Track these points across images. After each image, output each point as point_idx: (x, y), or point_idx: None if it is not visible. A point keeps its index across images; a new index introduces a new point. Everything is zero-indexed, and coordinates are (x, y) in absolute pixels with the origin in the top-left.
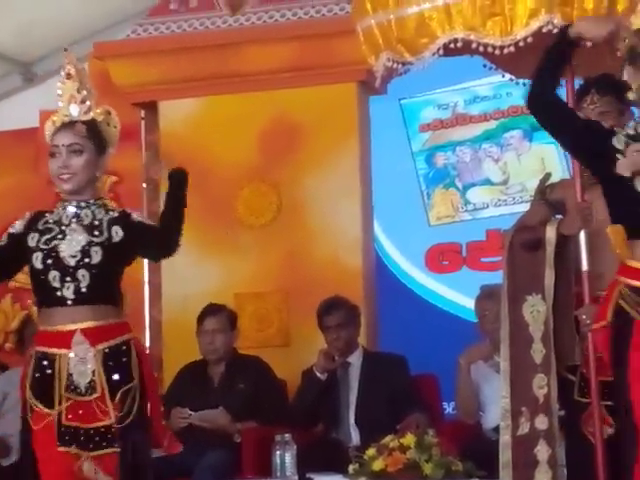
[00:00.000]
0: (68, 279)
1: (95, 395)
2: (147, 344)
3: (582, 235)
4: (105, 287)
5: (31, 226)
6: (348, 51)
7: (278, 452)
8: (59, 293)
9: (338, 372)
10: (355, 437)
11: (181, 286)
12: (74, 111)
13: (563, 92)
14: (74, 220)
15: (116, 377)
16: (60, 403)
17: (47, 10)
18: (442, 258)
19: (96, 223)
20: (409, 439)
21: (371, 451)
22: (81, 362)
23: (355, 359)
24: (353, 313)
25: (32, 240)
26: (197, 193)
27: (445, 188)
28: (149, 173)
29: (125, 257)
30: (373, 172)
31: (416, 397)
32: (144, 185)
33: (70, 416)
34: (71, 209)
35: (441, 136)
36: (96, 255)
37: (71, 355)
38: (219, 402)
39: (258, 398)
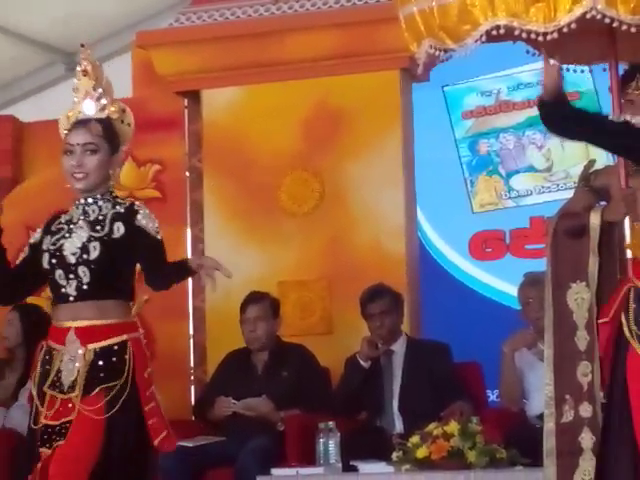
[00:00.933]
0: (71, 276)
1: (73, 394)
2: (191, 333)
3: (627, 222)
4: (106, 283)
5: (47, 230)
6: (390, 38)
7: (322, 440)
8: (63, 290)
9: (381, 360)
10: (399, 425)
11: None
12: (89, 109)
13: (606, 77)
14: (82, 217)
15: (101, 375)
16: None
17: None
18: (485, 245)
19: (100, 218)
20: (453, 427)
21: (415, 439)
22: (70, 360)
23: (398, 347)
24: (396, 301)
25: (45, 243)
26: (240, 181)
27: (488, 175)
28: (192, 162)
29: (127, 255)
30: (416, 159)
31: (459, 385)
32: (187, 174)
33: (47, 413)
34: (81, 207)
35: (484, 123)
36: (94, 250)
37: (64, 352)
38: (262, 390)
39: (301, 386)
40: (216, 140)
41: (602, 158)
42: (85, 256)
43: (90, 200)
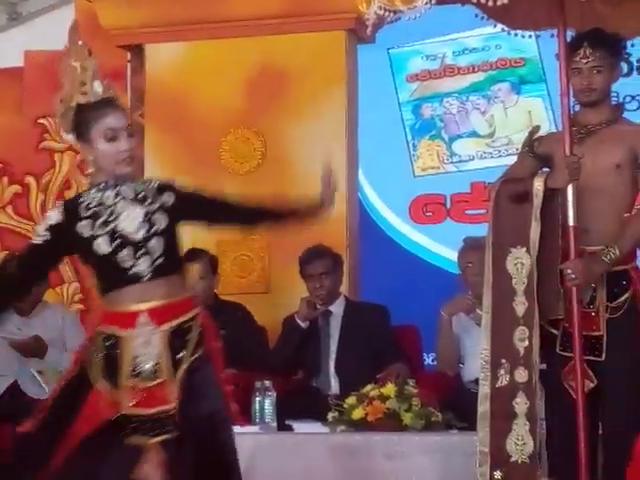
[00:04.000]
0: (141, 252)
1: (159, 380)
2: None
3: (570, 189)
4: (175, 254)
5: (73, 215)
6: None
7: (258, 399)
8: (132, 271)
9: (319, 321)
10: (335, 386)
11: None
12: (99, 88)
13: (554, 44)
14: (117, 199)
15: (179, 356)
16: (122, 386)
17: None
18: (426, 209)
19: (142, 194)
20: (389, 389)
21: (351, 399)
22: (144, 345)
23: (337, 308)
24: (336, 262)
25: (85, 228)
26: (181, 138)
27: (431, 139)
28: (134, 116)
29: (180, 221)
30: (359, 121)
31: (397, 347)
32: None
33: (133, 402)
34: (110, 190)
35: (428, 87)
36: (160, 220)
37: (134, 337)
38: None
39: (238, 344)
40: (159, 95)
41: (545, 125)
42: (154, 228)
43: (111, 182)
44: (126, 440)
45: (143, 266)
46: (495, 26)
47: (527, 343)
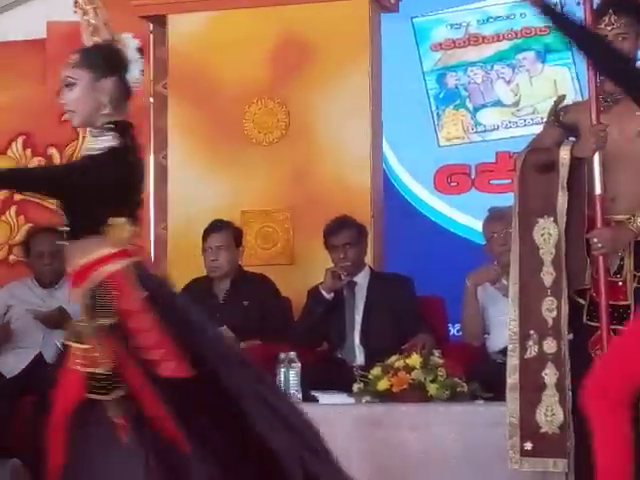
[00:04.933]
0: None
1: None
2: (152, 261)
3: (596, 158)
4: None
5: None
6: None
7: (282, 370)
8: None
9: (344, 292)
10: (360, 357)
11: (187, 203)
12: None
13: (579, 12)
14: None
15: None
16: None
17: None
18: (451, 180)
19: None
20: (415, 359)
21: (376, 370)
22: None
23: (361, 279)
24: (360, 232)
25: None
26: (205, 109)
27: (455, 109)
28: (156, 88)
29: None
30: (383, 91)
31: (422, 318)
32: (151, 100)
33: None
34: None
35: (453, 56)
36: None
37: None
38: (223, 319)
39: (262, 316)
40: (181, 67)
41: (570, 94)
42: None
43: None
44: None
45: None
46: None
47: (555, 314)
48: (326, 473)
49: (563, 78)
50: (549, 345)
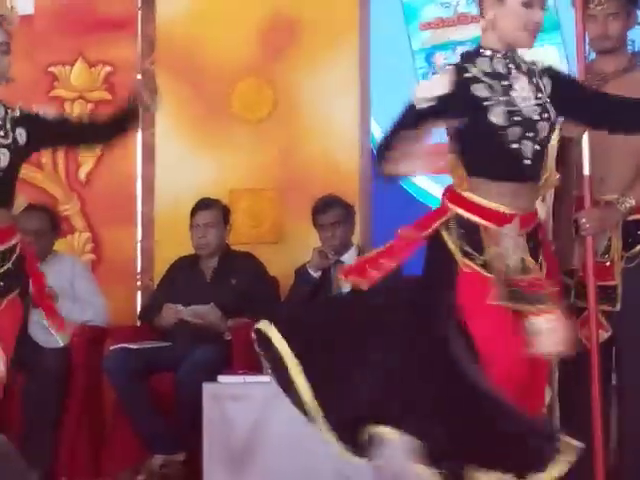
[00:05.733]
0: None
1: None
2: (138, 239)
3: (585, 138)
4: (9, 191)
5: None
6: None
7: None
8: None
9: (332, 270)
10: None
11: (174, 181)
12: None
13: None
14: None
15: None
16: None
17: None
18: (439, 159)
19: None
20: None
21: None
22: None
23: (349, 258)
24: (348, 212)
25: None
26: (192, 87)
27: None
28: (144, 64)
29: (27, 157)
30: (371, 70)
31: None
32: (139, 76)
33: None
34: None
35: (442, 35)
36: (4, 158)
37: None
38: (211, 297)
39: (250, 294)
40: (169, 43)
41: None
42: None
43: None
44: None
45: None
46: None
47: None
48: None
49: (553, 58)
50: None
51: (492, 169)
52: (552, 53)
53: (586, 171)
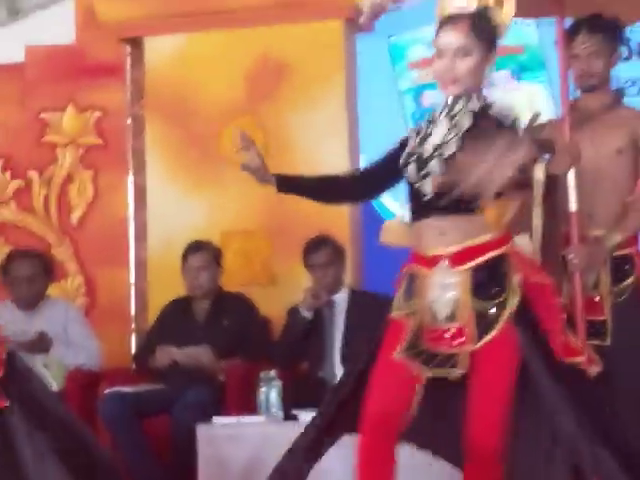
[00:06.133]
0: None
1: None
2: (132, 281)
3: (571, 174)
4: None
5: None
6: None
7: (263, 389)
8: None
9: (324, 311)
10: (340, 375)
11: (166, 223)
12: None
13: (553, 31)
14: None
15: None
16: None
17: None
18: None
19: None
20: None
21: None
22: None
23: (341, 298)
24: (339, 252)
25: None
26: (182, 130)
27: None
28: (134, 109)
29: None
30: (360, 111)
31: None
32: (129, 121)
33: None
34: None
35: (429, 75)
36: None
37: None
38: (203, 339)
39: (242, 335)
40: (158, 88)
41: (546, 112)
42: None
43: None
44: None
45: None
46: None
47: None
48: None
49: (539, 96)
50: None
51: (412, 211)
52: (538, 91)
53: (572, 207)
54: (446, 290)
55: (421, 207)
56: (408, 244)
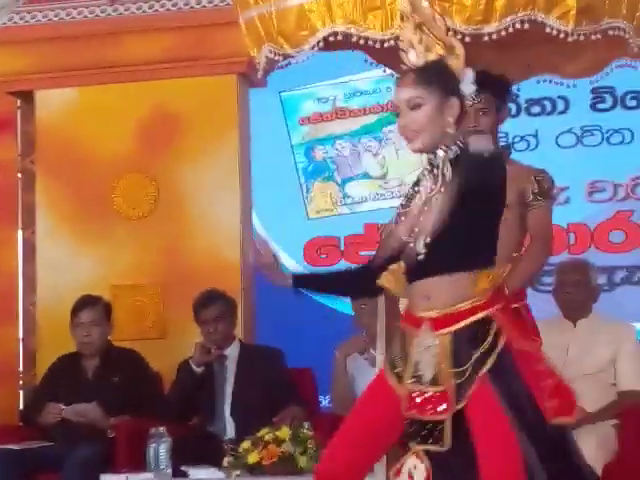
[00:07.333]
0: None
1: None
2: (20, 337)
3: None
4: None
5: None
6: (228, 43)
7: (152, 445)
8: None
9: (214, 365)
10: (230, 430)
11: (56, 277)
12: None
13: None
14: None
15: None
16: None
17: None
18: (320, 251)
19: None
20: (284, 432)
21: (246, 444)
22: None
23: (231, 352)
24: (230, 306)
25: None
26: (73, 184)
27: (324, 181)
28: (24, 163)
29: None
30: (252, 165)
31: (292, 390)
32: (19, 175)
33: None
34: None
35: (320, 129)
36: None
37: None
38: (93, 396)
39: (132, 391)
40: (49, 141)
41: None
42: None
43: None
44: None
45: None
46: (385, 70)
47: None
48: None
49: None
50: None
51: (406, 273)
52: None
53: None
54: (428, 352)
55: (413, 268)
56: (401, 296)
